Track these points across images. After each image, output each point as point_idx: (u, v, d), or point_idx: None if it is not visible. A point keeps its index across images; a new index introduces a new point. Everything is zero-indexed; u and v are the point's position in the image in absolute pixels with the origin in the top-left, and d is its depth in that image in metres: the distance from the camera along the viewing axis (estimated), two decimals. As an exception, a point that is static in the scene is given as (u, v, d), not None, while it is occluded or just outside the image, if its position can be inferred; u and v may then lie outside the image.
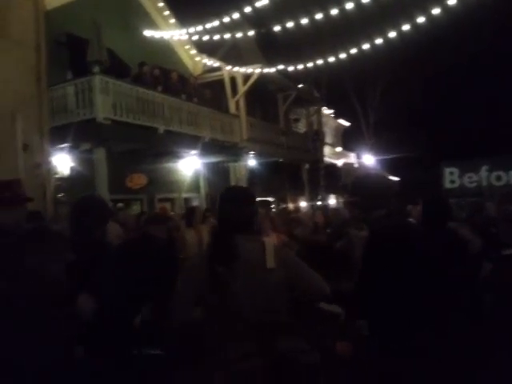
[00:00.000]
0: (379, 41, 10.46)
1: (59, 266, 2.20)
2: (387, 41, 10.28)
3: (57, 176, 8.99)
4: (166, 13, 12.60)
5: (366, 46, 10.57)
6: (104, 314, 2.32)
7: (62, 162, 9.28)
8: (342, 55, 11.42)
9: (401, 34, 9.80)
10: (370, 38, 10.54)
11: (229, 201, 2.25)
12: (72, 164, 9.55)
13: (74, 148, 9.19)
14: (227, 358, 2.01)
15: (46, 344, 2.04)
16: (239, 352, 2.00)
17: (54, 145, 8.60)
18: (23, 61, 7.92)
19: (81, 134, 8.65)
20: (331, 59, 11.48)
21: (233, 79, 13.13)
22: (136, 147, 9.88)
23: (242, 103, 13.16)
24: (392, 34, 9.91)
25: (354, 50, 11.04)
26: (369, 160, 25.83)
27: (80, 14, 9.42)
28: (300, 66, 12.17)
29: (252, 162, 14.21)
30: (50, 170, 8.40)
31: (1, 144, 7.40)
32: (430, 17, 9.14)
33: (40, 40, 8.16)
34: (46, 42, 8.36)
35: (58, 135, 8.55)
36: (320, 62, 11.70)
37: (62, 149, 9.03)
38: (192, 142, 11.04)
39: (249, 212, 2.22)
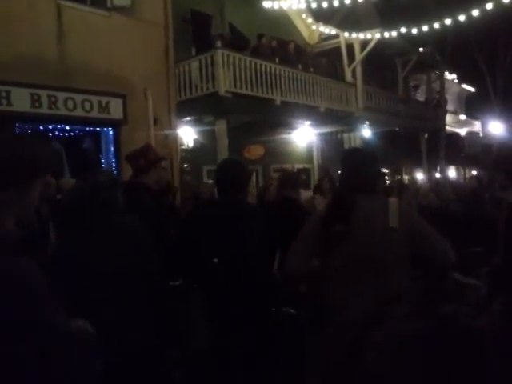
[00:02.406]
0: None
1: None
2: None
3: (182, 147, 9.55)
4: (283, -19, 12.43)
5: None
6: (248, 264, 2.44)
7: (187, 134, 9.82)
8: (474, 12, 10.34)
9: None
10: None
11: (350, 161, 2.26)
12: (195, 136, 10.07)
13: (197, 121, 9.65)
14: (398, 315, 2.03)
15: None
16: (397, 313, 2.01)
17: (180, 118, 9.13)
18: (153, 39, 8.42)
19: (204, 107, 9.03)
20: (461, 17, 10.45)
21: (349, 46, 12.64)
22: (254, 119, 10.06)
23: (358, 71, 12.66)
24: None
25: (489, 5, 9.92)
26: (496, 128, 23.50)
27: (203, -10, 9.69)
28: (425, 28, 11.27)
29: (367, 131, 13.72)
30: (176, 142, 8.96)
31: (136, 118, 8.04)
32: None
33: (167, 18, 8.59)
34: (173, 19, 8.78)
35: (183, 109, 9.03)
36: (448, 21, 10.72)
37: (186, 122, 9.54)
38: (307, 112, 10.94)
39: (370, 172, 2.20)
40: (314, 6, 11.22)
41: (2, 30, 6.49)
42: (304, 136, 12.98)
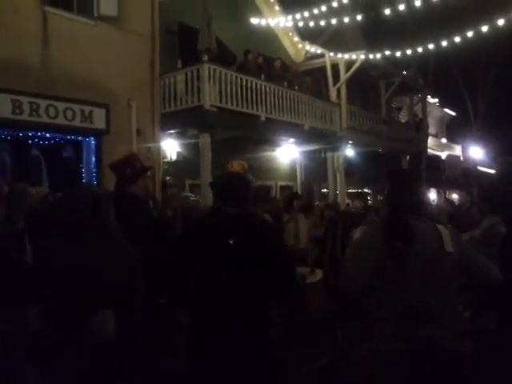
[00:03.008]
0: (501, 21, 9.56)
1: None
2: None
3: (165, 160, 9.47)
4: (271, 0, 12.61)
5: (484, 28, 9.71)
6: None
7: (170, 147, 9.75)
8: (456, 38, 10.62)
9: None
10: (490, 19, 9.66)
11: (403, 182, 2.22)
12: (179, 149, 10.00)
13: (181, 134, 9.60)
14: (380, 336, 2.01)
15: None
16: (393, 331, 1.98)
17: (163, 130, 9.07)
18: (139, 50, 8.41)
19: (188, 120, 8.99)
20: (444, 43, 10.71)
21: (334, 66, 12.82)
22: (238, 134, 10.06)
23: (343, 91, 12.82)
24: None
25: (470, 33, 10.20)
26: (476, 153, 24.01)
27: (191, 3, 9.70)
28: (408, 51, 11.52)
29: (350, 151, 13.85)
30: (159, 154, 8.89)
31: (119, 128, 7.97)
32: None
33: (154, 30, 8.61)
34: (160, 31, 8.79)
35: (167, 121, 8.97)
36: (431, 46, 10.98)
37: (170, 134, 9.48)
38: (291, 130, 10.99)
39: (421, 193, 2.20)
40: (300, 24, 11.39)
41: (-15, 35, 6.40)
42: (288, 153, 13.03)
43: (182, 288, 2.51)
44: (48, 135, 7.61)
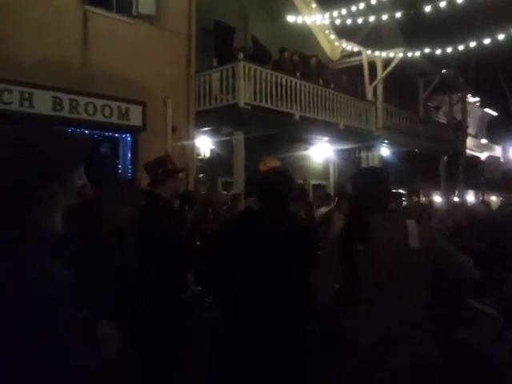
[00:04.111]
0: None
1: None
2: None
3: (198, 157, 9.54)
4: (308, -3, 12.50)
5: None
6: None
7: (204, 144, 9.81)
8: (499, 36, 10.23)
9: None
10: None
11: (362, 180, 2.22)
12: (212, 147, 10.06)
13: (215, 131, 9.65)
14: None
15: None
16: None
17: (198, 128, 9.13)
18: (176, 49, 8.49)
19: (222, 118, 9.03)
20: (486, 40, 10.34)
21: (371, 64, 12.59)
22: (272, 132, 10.02)
23: (379, 89, 12.58)
24: None
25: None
26: (518, 154, 23.14)
27: (227, 2, 9.72)
28: (448, 49, 11.17)
29: (385, 151, 13.58)
30: (193, 152, 8.96)
31: (154, 125, 8.08)
32: None
33: (191, 29, 8.68)
34: (196, 29, 8.85)
35: (202, 119, 9.03)
36: (472, 43, 10.62)
37: (204, 132, 9.55)
38: (326, 128, 10.87)
39: (381, 191, 2.15)
40: (337, 22, 11.23)
41: (29, 34, 6.61)
42: (321, 152, 12.90)
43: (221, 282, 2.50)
44: (86, 132, 7.78)
